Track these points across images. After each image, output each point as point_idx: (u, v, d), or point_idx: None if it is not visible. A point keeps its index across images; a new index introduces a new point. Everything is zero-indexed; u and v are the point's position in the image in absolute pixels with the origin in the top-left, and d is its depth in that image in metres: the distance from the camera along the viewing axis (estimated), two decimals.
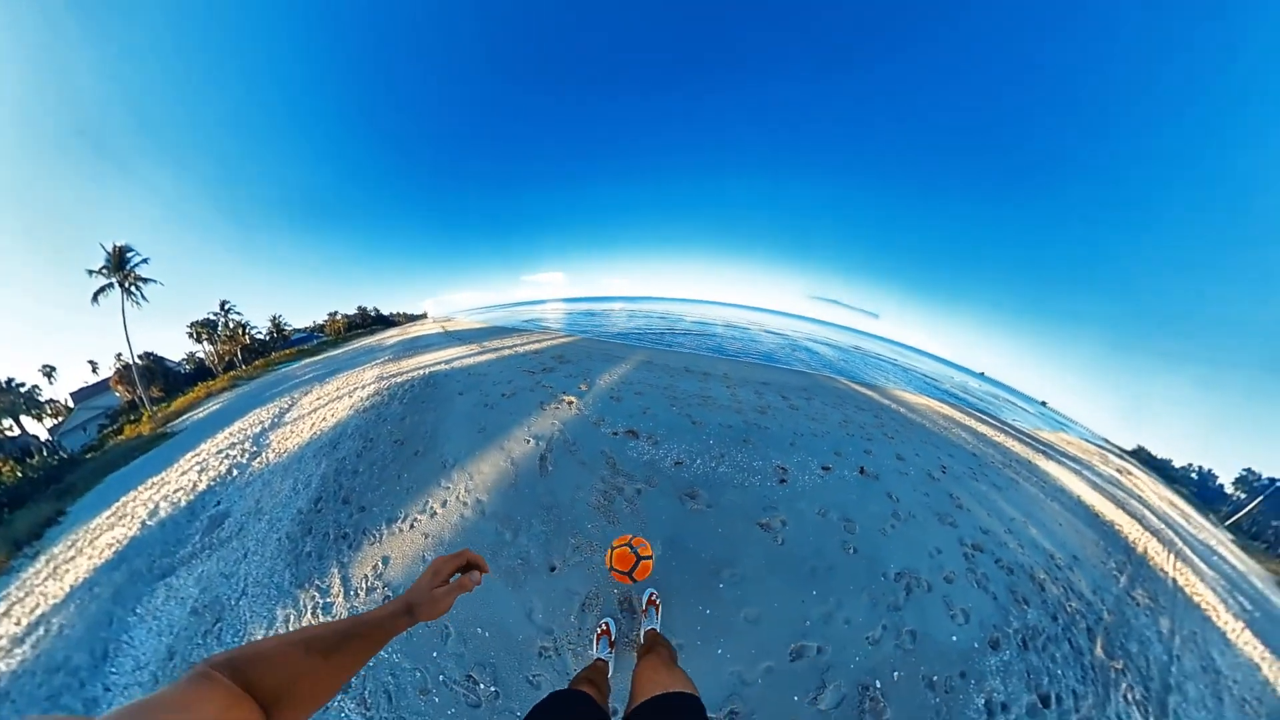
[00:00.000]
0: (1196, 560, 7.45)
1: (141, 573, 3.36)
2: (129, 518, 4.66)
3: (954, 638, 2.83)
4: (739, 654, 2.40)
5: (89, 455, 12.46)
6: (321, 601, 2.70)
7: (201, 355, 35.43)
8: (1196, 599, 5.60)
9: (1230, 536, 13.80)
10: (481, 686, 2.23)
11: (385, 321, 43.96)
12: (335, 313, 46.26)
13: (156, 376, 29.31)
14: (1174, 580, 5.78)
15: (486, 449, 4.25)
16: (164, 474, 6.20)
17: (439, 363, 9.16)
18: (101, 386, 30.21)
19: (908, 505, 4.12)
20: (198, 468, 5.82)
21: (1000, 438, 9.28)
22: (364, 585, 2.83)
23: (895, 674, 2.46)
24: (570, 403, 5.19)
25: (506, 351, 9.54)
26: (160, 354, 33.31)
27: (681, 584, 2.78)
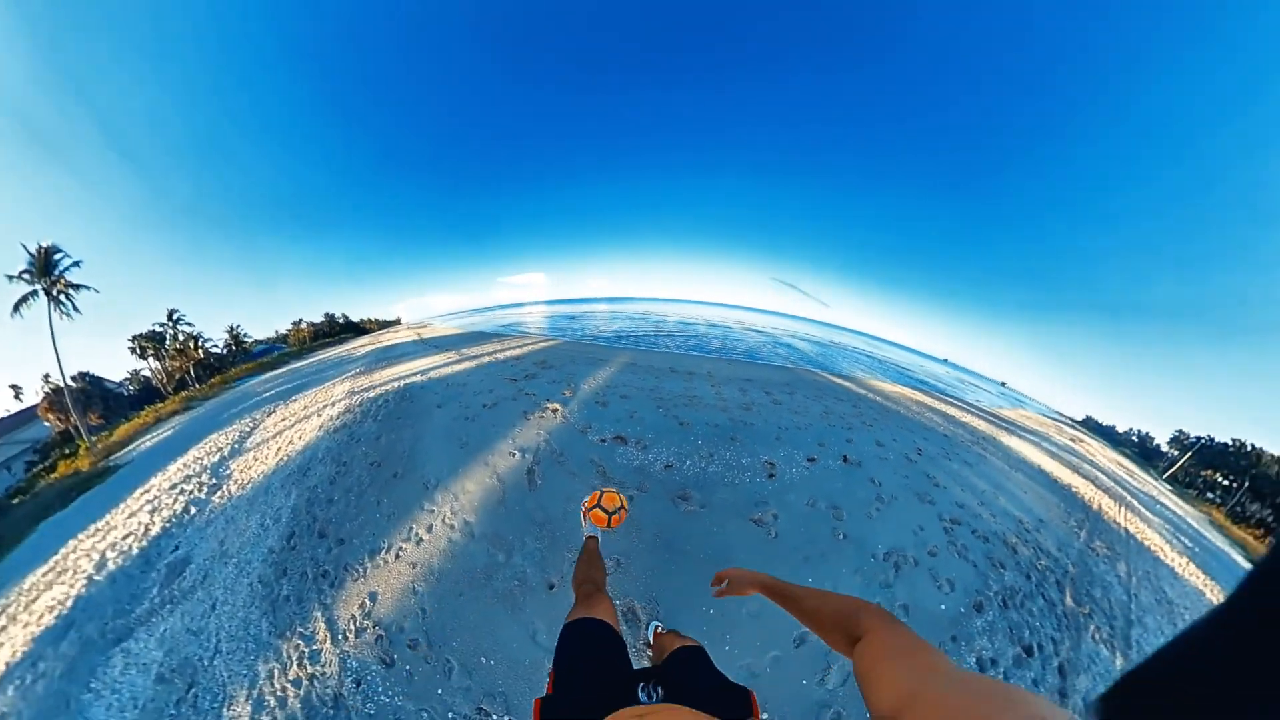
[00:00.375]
0: (1144, 510, 8.29)
1: (93, 639, 3.02)
2: (71, 573, 4.22)
3: (942, 606, 3.02)
4: (746, 647, 2.47)
5: (16, 500, 11.28)
6: (308, 650, 2.54)
7: (147, 373, 32.28)
8: (1146, 543, 6.22)
9: (1169, 487, 15.87)
10: (494, 718, 2.16)
11: (355, 329, 41.47)
12: (300, 321, 43.31)
13: (94, 400, 26.71)
14: (1126, 530, 6.35)
15: (470, 466, 4.10)
16: (109, 516, 5.68)
17: (414, 373, 8.78)
18: (27, 415, 27.15)
19: (890, 488, 4.30)
20: (149, 507, 5.36)
21: (967, 418, 9.85)
22: (352, 626, 2.67)
23: None
24: (555, 410, 5.08)
25: (486, 358, 9.25)
26: (98, 374, 30.24)
27: (682, 586, 2.80)
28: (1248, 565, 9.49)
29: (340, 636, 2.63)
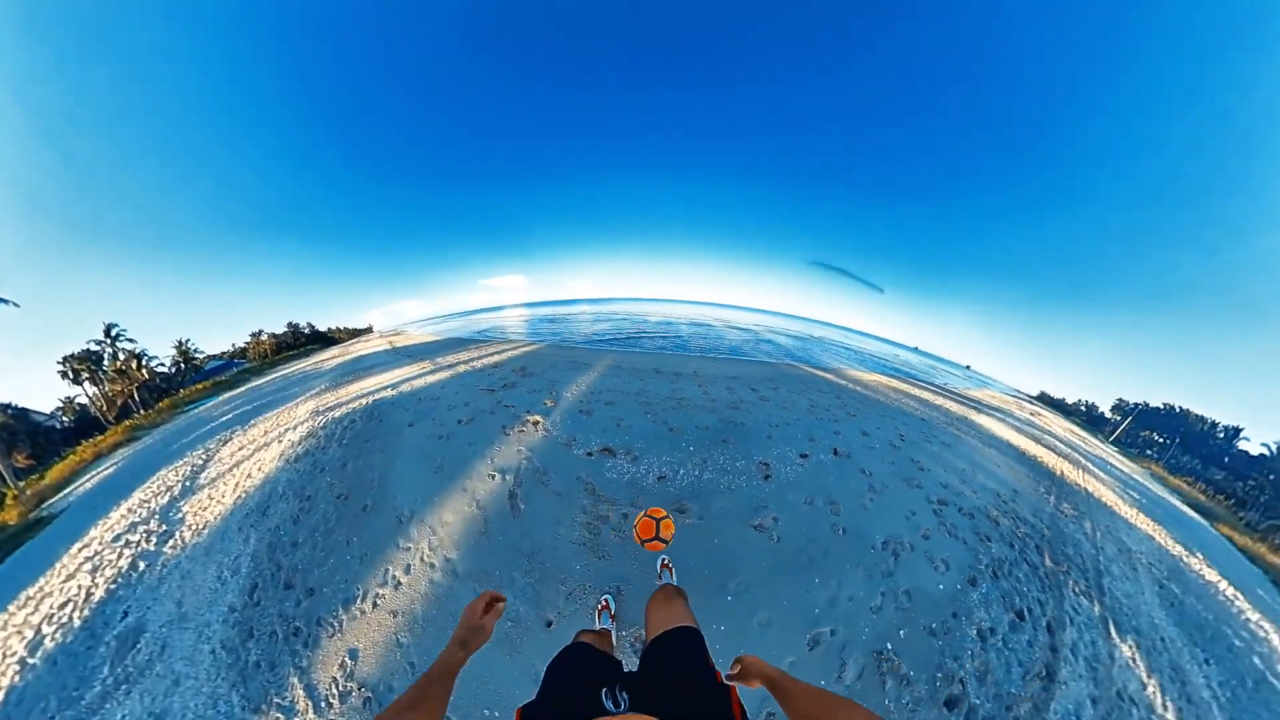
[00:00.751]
0: (1098, 471, 9.01)
1: None
2: (0, 657, 3.75)
3: (940, 586, 3.13)
4: (761, 657, 2.46)
5: None
6: None
7: (84, 400, 29.24)
8: (1103, 500, 6.78)
9: (1115, 449, 17.37)
10: None
11: (323, 339, 38.83)
12: (260, 332, 40.36)
13: (20, 438, 24.19)
14: (1086, 490, 6.88)
15: (447, 492, 3.85)
16: (43, 580, 5.07)
17: (384, 387, 8.27)
18: None
19: (880, 477, 4.35)
20: (89, 566, 4.82)
21: (940, 401, 10.29)
22: (334, 691, 2.45)
23: (901, 632, 2.70)
24: (536, 423, 4.84)
25: (462, 367, 8.79)
26: (23, 405, 27.34)
27: (691, 605, 2.72)
28: (1185, 509, 10.55)
29: (323, 704, 2.40)
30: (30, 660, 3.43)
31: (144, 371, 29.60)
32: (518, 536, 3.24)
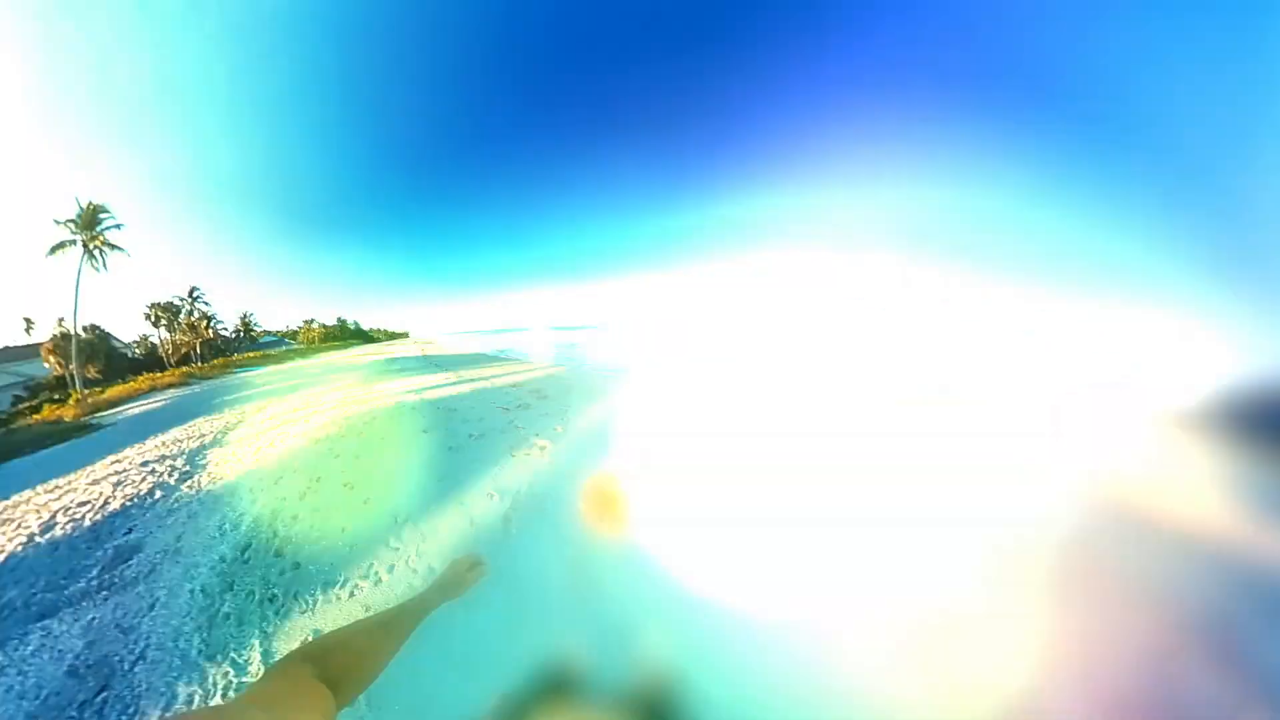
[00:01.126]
0: None
1: (15, 607, 2.86)
2: (15, 525, 4.05)
3: None
4: None
5: None
6: (235, 681, 2.38)
7: (156, 341, 33.00)
8: None
9: None
10: None
11: (364, 337, 42.67)
12: (312, 320, 44.77)
13: (98, 354, 26.79)
14: None
15: (445, 503, 4.02)
16: (73, 477, 5.55)
17: (408, 391, 8.85)
18: (30, 351, 27.19)
19: None
20: (115, 479, 5.25)
21: None
22: None
23: None
24: (543, 448, 5.03)
25: (483, 383, 9.32)
26: (108, 330, 30.67)
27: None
28: None
29: None
30: (38, 539, 3.73)
31: (210, 331, 33.42)
32: (504, 561, 3.31)
